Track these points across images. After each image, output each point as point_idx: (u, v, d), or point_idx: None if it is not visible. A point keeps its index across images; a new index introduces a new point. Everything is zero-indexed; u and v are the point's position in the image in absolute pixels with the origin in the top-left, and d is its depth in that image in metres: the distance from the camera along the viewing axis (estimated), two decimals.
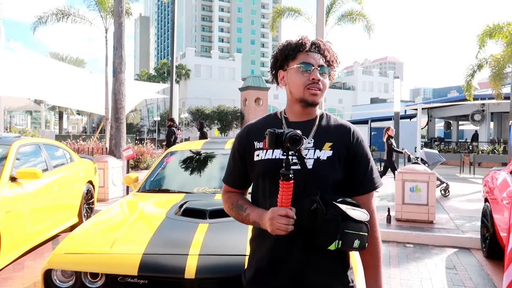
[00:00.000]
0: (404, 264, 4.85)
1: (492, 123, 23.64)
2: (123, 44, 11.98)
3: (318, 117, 1.57)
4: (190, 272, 2.16)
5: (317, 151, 1.48)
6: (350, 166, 1.52)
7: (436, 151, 10.73)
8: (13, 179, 4.60)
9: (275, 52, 1.59)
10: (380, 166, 16.27)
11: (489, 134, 23.05)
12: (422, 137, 22.26)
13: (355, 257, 1.79)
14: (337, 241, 1.34)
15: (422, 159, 9.50)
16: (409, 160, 11.43)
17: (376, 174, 1.57)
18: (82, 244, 2.55)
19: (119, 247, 2.43)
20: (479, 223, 5.67)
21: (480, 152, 17.58)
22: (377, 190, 1.60)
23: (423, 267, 4.73)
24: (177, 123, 14.13)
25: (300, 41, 1.53)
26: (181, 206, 2.98)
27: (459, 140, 23.73)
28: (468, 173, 15.30)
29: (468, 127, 28.81)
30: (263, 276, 1.50)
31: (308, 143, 1.50)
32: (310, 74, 1.49)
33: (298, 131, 1.37)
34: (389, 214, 6.51)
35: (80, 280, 2.35)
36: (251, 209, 1.53)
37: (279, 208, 1.35)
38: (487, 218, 5.16)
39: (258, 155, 1.54)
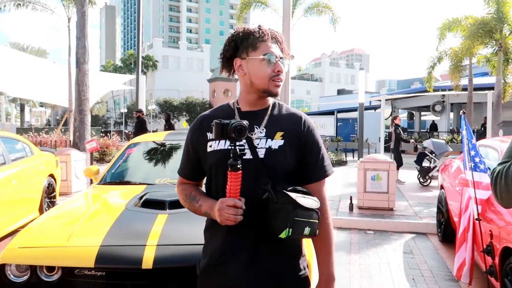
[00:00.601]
0: (364, 250, 5.02)
1: (452, 114, 24.57)
2: (86, 34, 11.67)
3: (271, 106, 1.59)
4: (147, 262, 2.17)
5: (269, 140, 1.49)
6: (302, 154, 1.53)
7: (443, 141, 10.92)
8: None
9: (231, 39, 1.56)
10: (346, 157, 16.63)
11: (449, 124, 23.95)
12: (386, 127, 22.88)
13: (310, 244, 1.84)
14: (287, 229, 1.36)
15: (429, 150, 9.75)
16: (416, 150, 11.59)
17: (327, 162, 1.59)
18: (37, 238, 2.51)
19: (75, 239, 2.41)
20: (435, 209, 5.93)
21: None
22: (328, 177, 1.61)
23: (382, 253, 4.91)
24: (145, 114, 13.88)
25: (261, 30, 1.53)
26: (141, 197, 2.97)
27: (421, 130, 24.52)
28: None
29: (429, 118, 29.80)
30: (216, 266, 1.51)
31: (260, 132, 1.51)
32: (275, 66, 1.50)
33: (244, 121, 1.38)
34: (351, 202, 6.70)
35: (35, 274, 2.31)
36: (204, 200, 1.54)
37: (228, 198, 1.37)
38: (442, 204, 5.40)
39: (210, 146, 1.54)
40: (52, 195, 6.65)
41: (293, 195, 1.39)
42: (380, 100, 19.17)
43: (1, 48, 18.88)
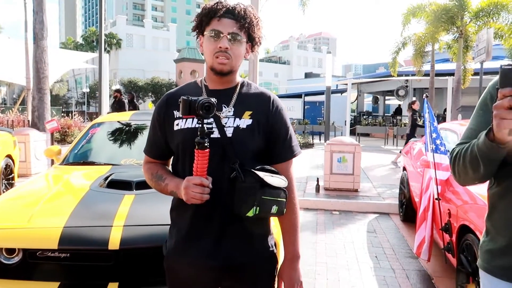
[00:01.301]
0: (330, 230, 5.14)
1: (414, 98, 25.28)
2: (44, 8, 11.10)
3: (239, 85, 1.56)
4: (114, 243, 2.12)
5: (237, 119, 1.48)
6: (269, 134, 1.52)
7: None
8: None
9: (197, 16, 1.54)
10: (313, 139, 16.86)
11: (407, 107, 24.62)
12: (352, 111, 23.32)
13: (278, 223, 1.85)
14: (255, 207, 1.36)
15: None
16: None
17: (295, 142, 1.59)
18: None
19: (37, 221, 2.32)
20: (398, 191, 6.13)
21: (403, 125, 18.80)
22: (295, 157, 1.61)
23: (346, 232, 5.04)
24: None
25: (215, 6, 1.49)
26: (106, 178, 2.90)
27: (385, 114, 25.16)
28: (392, 145, 16.34)
29: (393, 102, 30.58)
30: (183, 246, 1.50)
31: (228, 111, 1.49)
32: (218, 42, 1.45)
33: (212, 99, 1.36)
34: (318, 184, 6.82)
35: None
36: (170, 179, 1.52)
37: (194, 177, 1.35)
38: (404, 185, 5.58)
39: (177, 125, 1.51)
40: (10, 176, 6.39)
41: (261, 174, 1.39)
42: (346, 84, 19.46)
43: None
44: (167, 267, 1.56)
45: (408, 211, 5.36)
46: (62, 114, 23.75)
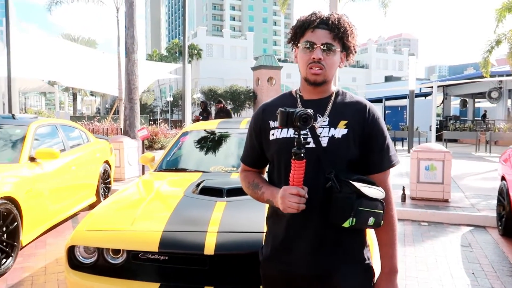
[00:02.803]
0: (419, 242, 4.86)
1: (510, 101, 23.16)
2: (134, 24, 11.94)
3: (334, 94, 1.56)
4: (209, 248, 2.20)
5: (332, 129, 1.47)
6: (366, 144, 1.50)
7: None
8: (32, 159, 4.69)
9: (292, 29, 1.56)
10: (395, 145, 16.14)
11: (507, 111, 22.60)
12: (438, 115, 21.97)
13: (371, 235, 1.80)
14: (351, 218, 1.35)
15: None
16: None
17: (392, 152, 1.55)
18: (103, 222, 2.62)
19: (139, 224, 2.49)
20: (494, 202, 5.63)
21: (496, 130, 17.29)
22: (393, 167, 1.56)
23: (438, 245, 4.73)
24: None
25: (309, 17, 1.50)
26: (198, 184, 3.02)
27: (475, 118, 23.35)
28: (484, 152, 15.10)
29: (484, 105, 28.29)
30: (278, 253, 1.52)
31: (323, 121, 1.49)
32: (312, 53, 1.46)
33: (309, 110, 1.36)
34: (404, 193, 6.50)
35: (102, 257, 2.41)
36: (266, 187, 1.55)
37: (291, 187, 1.36)
38: (503, 196, 5.11)
39: (273, 134, 1.54)
40: (108, 181, 6.93)
41: (357, 184, 1.37)
42: (431, 87, 18.41)
43: (54, 39, 19.81)
44: (263, 273, 1.59)
45: (508, 225, 4.90)
46: (150, 122, 25.32)
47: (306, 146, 1.41)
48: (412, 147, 12.09)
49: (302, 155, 1.33)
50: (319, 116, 1.49)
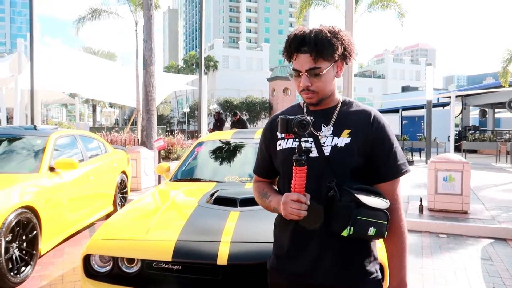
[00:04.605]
0: (437, 254, 4.77)
1: None
2: (152, 37, 12.15)
3: (340, 103, 1.56)
4: (222, 258, 2.21)
5: (335, 138, 1.48)
6: (371, 152, 1.48)
7: None
8: (51, 169, 4.79)
9: (286, 44, 1.53)
10: (412, 156, 15.94)
11: None
12: (456, 125, 21.61)
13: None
14: (349, 227, 1.35)
15: None
16: None
17: (401, 160, 1.50)
18: (118, 231, 2.65)
19: (153, 233, 2.51)
20: None
21: None
22: (403, 175, 1.52)
23: (457, 258, 4.63)
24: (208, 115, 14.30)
25: (291, 38, 1.47)
26: (212, 194, 3.04)
27: (495, 129, 22.88)
28: (504, 163, 14.77)
29: (504, 115, 27.72)
30: (284, 262, 1.53)
31: (328, 130, 1.50)
32: (299, 82, 1.48)
33: (308, 117, 1.38)
34: (421, 204, 6.40)
35: (117, 265, 2.44)
36: (273, 196, 1.57)
37: (292, 193, 1.37)
38: None
39: (279, 145, 1.57)
40: (124, 190, 7.01)
41: (357, 193, 1.37)
42: (449, 97, 18.16)
43: (74, 52, 20.29)
44: (270, 282, 1.61)
45: None
46: (166, 133, 25.57)
47: (310, 155, 1.44)
48: (429, 157, 11.91)
49: (303, 161, 1.35)
50: (324, 126, 1.50)
